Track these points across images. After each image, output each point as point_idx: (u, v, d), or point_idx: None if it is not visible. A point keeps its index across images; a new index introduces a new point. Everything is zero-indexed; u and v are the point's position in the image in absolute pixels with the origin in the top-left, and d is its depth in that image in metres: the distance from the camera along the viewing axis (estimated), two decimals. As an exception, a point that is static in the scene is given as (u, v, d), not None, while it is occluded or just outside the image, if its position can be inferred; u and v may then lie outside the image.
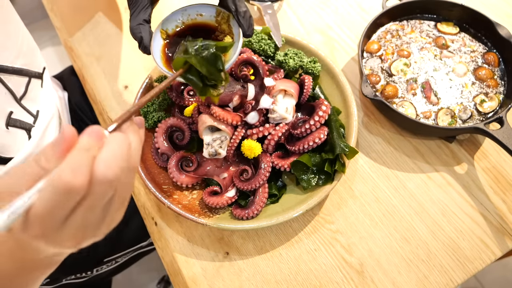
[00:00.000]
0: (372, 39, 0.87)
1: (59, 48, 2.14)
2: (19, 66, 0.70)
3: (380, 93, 0.81)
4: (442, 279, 0.67)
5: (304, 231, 0.73)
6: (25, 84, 0.73)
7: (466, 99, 0.79)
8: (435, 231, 0.71)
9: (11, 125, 0.69)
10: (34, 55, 0.77)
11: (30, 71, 0.74)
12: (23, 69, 0.72)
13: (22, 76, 0.72)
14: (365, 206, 0.74)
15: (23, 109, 0.73)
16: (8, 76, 0.68)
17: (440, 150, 0.78)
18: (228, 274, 0.70)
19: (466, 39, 0.86)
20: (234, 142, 0.70)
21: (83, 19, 1.01)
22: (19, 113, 0.71)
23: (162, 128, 0.76)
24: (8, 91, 0.68)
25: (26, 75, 0.73)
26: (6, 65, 0.67)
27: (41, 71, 0.79)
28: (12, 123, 0.69)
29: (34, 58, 0.77)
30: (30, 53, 0.75)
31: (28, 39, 0.75)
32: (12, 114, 0.69)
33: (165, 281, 1.55)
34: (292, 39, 0.84)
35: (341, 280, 0.68)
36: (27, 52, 0.74)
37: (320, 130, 0.70)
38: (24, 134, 0.72)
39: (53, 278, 0.90)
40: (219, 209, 0.71)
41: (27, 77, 0.74)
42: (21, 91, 0.72)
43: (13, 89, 0.69)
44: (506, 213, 0.72)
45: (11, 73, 0.68)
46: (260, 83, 0.73)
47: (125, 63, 0.94)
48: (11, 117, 0.69)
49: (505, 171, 0.76)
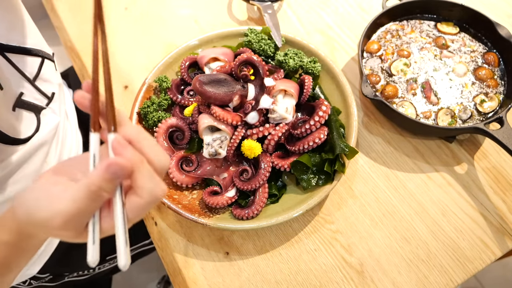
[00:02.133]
0: (372, 39, 0.87)
1: (59, 48, 2.14)
2: (29, 46, 0.68)
3: (380, 93, 0.81)
4: (442, 279, 0.67)
5: (304, 231, 0.73)
6: (38, 65, 0.71)
7: (466, 99, 0.79)
8: (435, 231, 0.71)
9: (19, 106, 0.67)
10: (41, 38, 0.76)
11: (41, 51, 0.72)
12: (34, 49, 0.70)
13: (33, 56, 0.70)
14: (365, 206, 0.74)
15: (37, 90, 0.70)
16: (18, 57, 0.66)
17: (440, 150, 0.78)
18: (228, 274, 0.70)
19: (466, 39, 0.86)
20: (234, 142, 0.70)
21: (83, 19, 1.01)
22: (32, 94, 0.69)
23: (162, 128, 0.76)
24: (18, 72, 0.66)
25: (38, 55, 0.71)
26: (13, 45, 0.65)
27: (52, 55, 0.77)
28: (21, 104, 0.67)
29: (42, 41, 0.75)
30: (38, 35, 0.74)
31: (33, 23, 0.74)
32: (22, 95, 0.67)
33: (165, 281, 1.55)
34: (292, 39, 0.84)
35: (341, 280, 0.68)
36: (35, 34, 0.72)
37: (320, 130, 0.70)
38: (32, 117, 0.70)
39: (56, 275, 0.90)
40: (219, 209, 0.71)
41: (40, 57, 0.71)
42: (34, 72, 0.69)
43: (24, 70, 0.67)
44: (506, 213, 0.72)
45: (18, 52, 0.66)
46: (260, 83, 0.73)
47: (125, 63, 0.94)
48: (21, 98, 0.67)
49: (505, 171, 0.76)
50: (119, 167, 0.39)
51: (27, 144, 0.68)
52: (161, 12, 1.02)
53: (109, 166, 0.38)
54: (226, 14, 1.00)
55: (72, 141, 0.88)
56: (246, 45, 0.83)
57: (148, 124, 0.78)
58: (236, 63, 0.74)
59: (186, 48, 0.85)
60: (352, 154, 0.69)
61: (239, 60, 0.74)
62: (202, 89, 0.69)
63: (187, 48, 0.85)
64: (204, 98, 0.71)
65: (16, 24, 0.67)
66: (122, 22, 1.00)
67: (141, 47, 0.97)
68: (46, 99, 0.74)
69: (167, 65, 0.84)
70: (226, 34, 0.87)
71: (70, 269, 0.90)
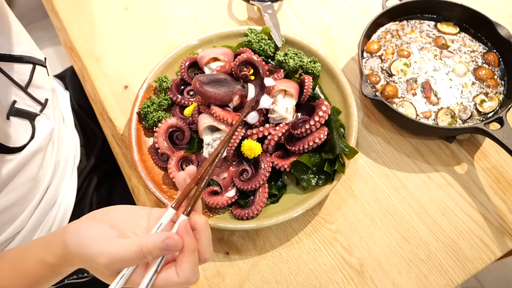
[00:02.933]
0: (372, 39, 0.87)
1: (59, 48, 2.13)
2: (18, 53, 0.68)
3: (380, 93, 0.81)
4: (442, 279, 0.67)
5: (304, 231, 0.73)
6: (30, 72, 0.71)
7: (466, 99, 0.79)
8: (435, 231, 0.71)
9: (13, 114, 0.67)
10: (32, 43, 0.75)
11: (32, 58, 0.72)
12: (24, 56, 0.70)
13: (24, 64, 0.70)
14: (365, 206, 0.74)
15: (30, 97, 0.71)
16: (8, 65, 0.66)
17: (440, 150, 0.78)
18: (228, 274, 0.70)
19: (466, 39, 0.86)
20: (234, 142, 0.70)
21: (83, 19, 1.01)
22: (25, 101, 0.70)
23: (162, 128, 0.76)
24: (9, 80, 0.66)
25: (29, 62, 0.71)
26: (3, 53, 0.65)
27: (43, 60, 0.77)
28: (15, 112, 0.67)
29: (33, 46, 0.75)
30: (28, 41, 0.74)
31: (23, 29, 0.73)
32: (15, 103, 0.67)
33: (165, 281, 1.55)
34: (292, 39, 0.84)
35: (341, 280, 0.68)
36: (26, 40, 0.72)
37: (320, 130, 0.70)
38: (27, 124, 0.70)
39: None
40: (219, 209, 0.71)
41: (31, 64, 0.72)
42: (26, 79, 0.70)
43: (16, 77, 0.67)
44: (506, 213, 0.72)
45: (9, 60, 0.66)
46: (260, 83, 0.73)
47: (125, 63, 0.94)
48: (14, 106, 0.67)
49: (505, 171, 0.76)
50: (174, 244, 0.46)
51: (22, 152, 0.69)
52: (161, 12, 1.02)
53: (167, 238, 0.45)
54: (226, 14, 1.00)
55: (68, 144, 0.88)
56: (246, 45, 0.83)
57: (148, 124, 0.78)
58: (236, 63, 0.74)
59: (186, 48, 0.85)
60: (352, 154, 0.69)
61: (239, 60, 0.74)
62: (202, 89, 0.69)
63: (187, 48, 0.85)
64: (204, 98, 0.71)
65: (3, 31, 0.67)
66: (122, 22, 1.00)
67: (141, 47, 0.97)
68: (40, 106, 0.74)
69: (167, 65, 0.84)
70: (226, 34, 0.87)
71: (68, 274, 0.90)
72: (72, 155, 0.89)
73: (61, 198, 0.83)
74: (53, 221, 0.82)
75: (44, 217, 0.79)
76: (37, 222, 0.78)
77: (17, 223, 0.74)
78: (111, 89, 0.91)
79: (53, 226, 0.82)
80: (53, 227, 0.82)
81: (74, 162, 0.90)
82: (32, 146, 0.71)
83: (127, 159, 0.84)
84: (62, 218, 0.83)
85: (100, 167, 0.95)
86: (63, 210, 0.83)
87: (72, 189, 0.86)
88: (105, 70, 0.94)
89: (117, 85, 0.92)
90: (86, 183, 0.90)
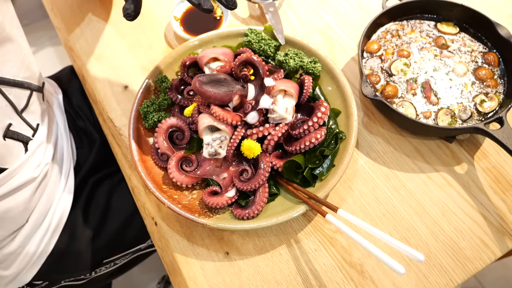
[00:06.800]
0: (372, 39, 0.87)
1: (59, 48, 2.14)
2: (21, 79, 0.71)
3: (380, 93, 0.81)
4: (442, 279, 0.67)
5: (304, 231, 0.73)
6: (27, 97, 0.74)
7: (466, 99, 0.79)
8: (435, 231, 0.71)
9: (8, 136, 0.69)
10: (35, 69, 0.78)
11: (32, 84, 0.75)
12: (25, 82, 0.73)
13: (23, 89, 0.73)
14: (365, 206, 0.74)
15: (24, 121, 0.74)
16: (9, 89, 0.69)
17: (440, 150, 0.78)
18: (228, 274, 0.70)
19: (466, 39, 0.86)
20: (234, 142, 0.70)
21: (83, 19, 1.01)
22: (19, 125, 0.72)
23: (162, 128, 0.76)
24: (8, 103, 0.69)
25: (28, 88, 0.74)
26: (8, 78, 0.68)
27: (41, 86, 0.80)
28: (10, 135, 0.70)
29: (35, 72, 0.78)
30: (32, 67, 0.76)
31: (29, 54, 0.76)
32: (11, 126, 0.70)
33: (165, 281, 1.56)
34: (292, 39, 0.84)
35: (341, 280, 0.68)
36: (29, 66, 0.75)
37: (317, 131, 0.70)
38: (20, 147, 0.73)
39: (52, 281, 0.90)
40: (219, 209, 0.71)
41: (29, 90, 0.75)
42: (23, 103, 0.73)
43: (14, 101, 0.70)
44: (506, 213, 0.72)
45: (12, 85, 0.69)
46: (260, 83, 0.73)
47: (125, 63, 0.94)
48: (9, 129, 0.70)
49: (505, 171, 0.76)
50: None
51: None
52: (161, 12, 1.02)
53: None
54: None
55: (63, 143, 0.90)
56: (246, 45, 0.83)
57: (148, 124, 0.78)
58: (236, 63, 0.74)
59: (186, 48, 0.85)
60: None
61: (239, 60, 0.74)
62: (202, 89, 0.69)
63: (187, 48, 0.85)
64: (204, 98, 0.71)
65: (15, 59, 0.69)
66: (122, 22, 1.00)
67: (141, 47, 0.97)
68: (32, 130, 0.76)
69: (167, 65, 0.84)
70: (226, 34, 0.87)
71: (65, 275, 0.90)
72: (68, 157, 0.90)
73: (56, 200, 0.84)
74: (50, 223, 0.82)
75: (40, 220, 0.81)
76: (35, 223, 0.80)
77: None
78: (111, 89, 0.91)
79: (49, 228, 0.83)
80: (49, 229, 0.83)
81: (71, 164, 0.90)
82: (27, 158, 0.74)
83: (127, 159, 0.84)
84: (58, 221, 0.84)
85: (99, 167, 0.95)
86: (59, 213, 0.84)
87: (68, 191, 0.87)
88: (105, 70, 0.94)
89: (117, 85, 0.92)
90: (83, 185, 0.90)
